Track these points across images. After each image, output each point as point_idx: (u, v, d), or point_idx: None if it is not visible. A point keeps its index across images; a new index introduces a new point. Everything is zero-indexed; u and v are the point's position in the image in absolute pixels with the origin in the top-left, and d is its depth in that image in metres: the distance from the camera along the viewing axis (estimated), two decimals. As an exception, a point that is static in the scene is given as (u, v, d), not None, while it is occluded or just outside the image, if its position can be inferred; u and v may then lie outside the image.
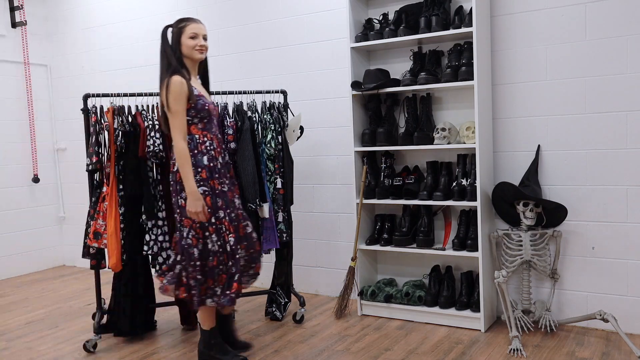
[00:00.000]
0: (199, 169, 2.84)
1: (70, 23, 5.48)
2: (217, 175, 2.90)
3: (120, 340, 3.48)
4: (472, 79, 3.29)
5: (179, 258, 2.94)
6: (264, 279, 4.18)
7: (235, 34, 4.52)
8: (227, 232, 2.88)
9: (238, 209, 3.00)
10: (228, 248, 2.87)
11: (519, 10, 3.42)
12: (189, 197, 2.78)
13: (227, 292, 2.86)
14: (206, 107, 2.89)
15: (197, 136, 2.87)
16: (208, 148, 2.88)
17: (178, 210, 2.89)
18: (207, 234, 2.86)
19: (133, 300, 3.44)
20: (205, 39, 2.93)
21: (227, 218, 2.89)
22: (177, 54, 2.88)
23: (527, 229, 3.33)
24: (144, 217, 3.35)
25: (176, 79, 2.79)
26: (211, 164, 2.88)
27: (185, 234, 2.87)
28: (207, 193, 2.84)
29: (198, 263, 2.86)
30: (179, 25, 2.90)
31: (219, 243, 2.87)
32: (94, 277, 3.57)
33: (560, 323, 3.33)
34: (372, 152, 3.78)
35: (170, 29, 2.93)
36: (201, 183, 2.83)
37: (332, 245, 4.23)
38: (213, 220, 2.86)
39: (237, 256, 2.90)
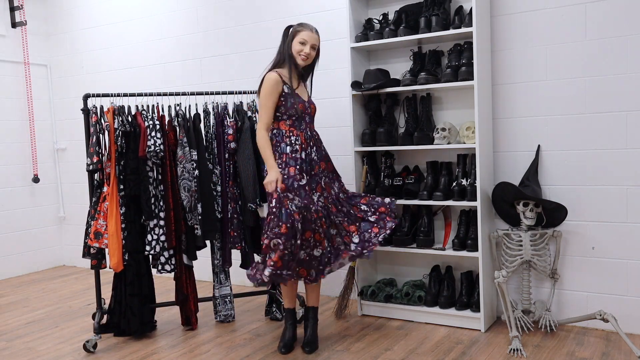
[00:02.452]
0: (282, 154, 3.04)
1: (70, 23, 5.48)
2: (299, 167, 3.03)
3: (120, 340, 3.48)
4: (472, 79, 3.29)
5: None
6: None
7: (235, 34, 4.52)
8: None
9: (317, 206, 3.05)
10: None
11: (519, 10, 3.42)
12: (269, 171, 2.98)
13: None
14: (295, 106, 3.06)
15: (284, 130, 3.09)
16: (293, 142, 3.06)
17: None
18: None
19: (140, 300, 3.44)
20: (313, 48, 3.10)
21: (293, 205, 2.94)
22: (289, 52, 3.09)
23: (527, 229, 3.33)
24: (143, 217, 3.35)
25: (271, 76, 3.03)
26: (293, 155, 3.04)
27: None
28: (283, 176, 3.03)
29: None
30: (296, 29, 3.11)
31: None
32: (94, 277, 3.57)
33: (560, 323, 3.33)
34: (372, 152, 3.78)
35: (291, 29, 3.13)
36: (280, 165, 3.03)
37: (332, 245, 4.22)
38: (274, 202, 2.96)
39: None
